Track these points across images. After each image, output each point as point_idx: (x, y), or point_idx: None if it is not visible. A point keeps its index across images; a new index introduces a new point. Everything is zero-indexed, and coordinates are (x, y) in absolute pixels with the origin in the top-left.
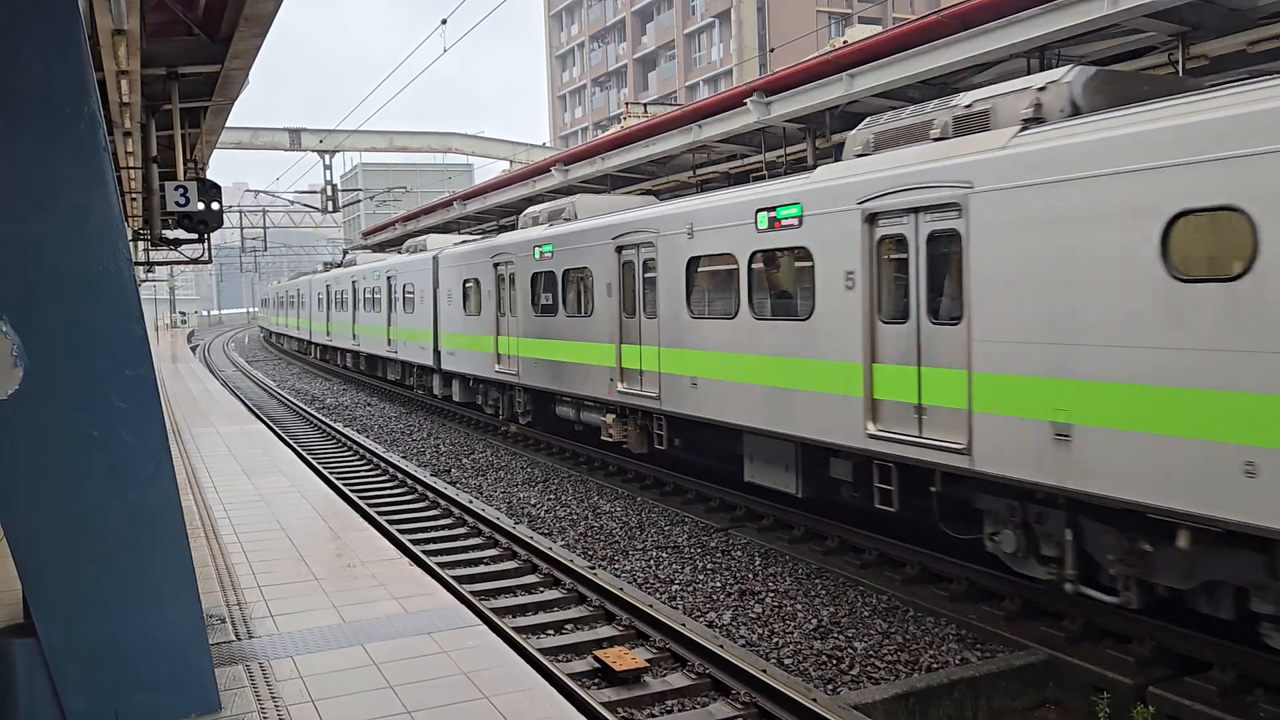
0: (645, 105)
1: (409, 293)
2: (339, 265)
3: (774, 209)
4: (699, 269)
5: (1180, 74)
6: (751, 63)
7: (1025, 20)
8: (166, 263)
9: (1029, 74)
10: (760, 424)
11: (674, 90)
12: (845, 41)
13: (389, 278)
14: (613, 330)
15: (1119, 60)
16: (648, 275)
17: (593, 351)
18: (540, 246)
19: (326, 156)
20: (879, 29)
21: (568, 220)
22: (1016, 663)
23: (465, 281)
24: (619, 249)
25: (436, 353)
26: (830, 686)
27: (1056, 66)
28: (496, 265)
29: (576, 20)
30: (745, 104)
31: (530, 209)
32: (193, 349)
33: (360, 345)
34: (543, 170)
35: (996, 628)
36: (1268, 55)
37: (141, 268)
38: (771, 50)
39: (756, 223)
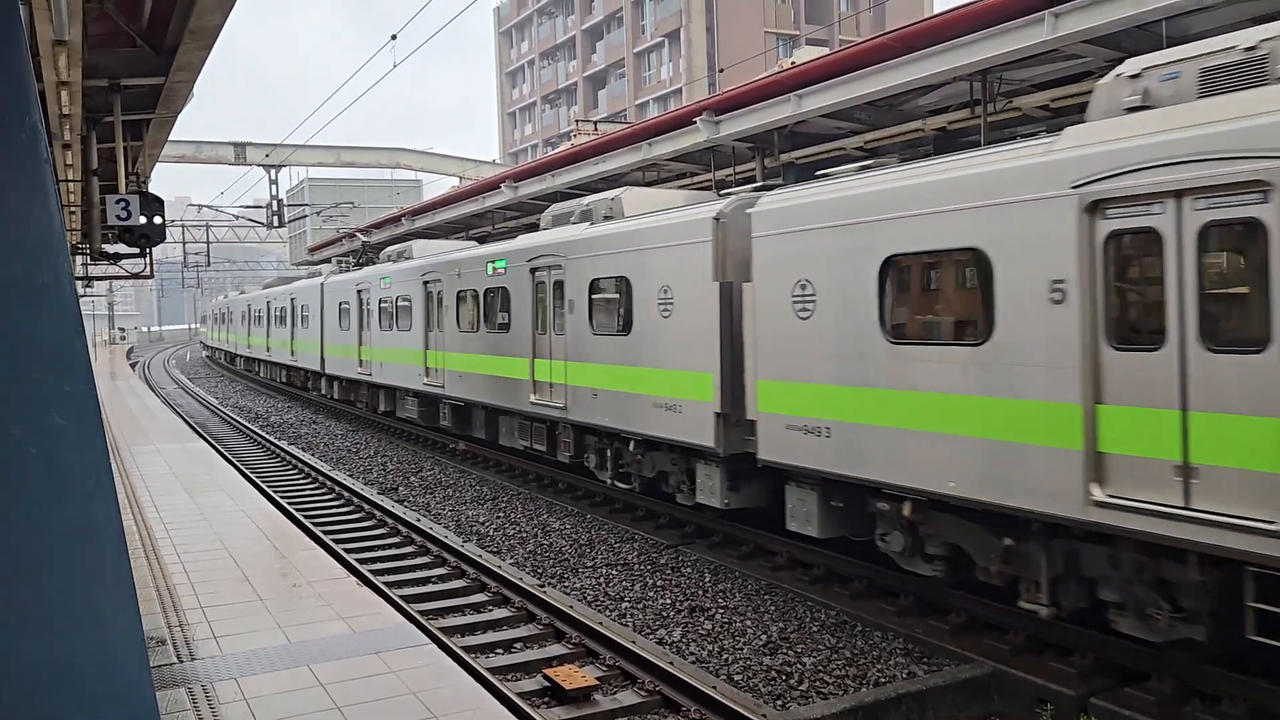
0: (595, 123)
1: (609, 296)
2: (358, 264)
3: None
4: None
5: None
6: (701, 82)
7: (967, 45)
8: (106, 277)
9: (971, 96)
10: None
11: (624, 108)
12: (794, 63)
13: (535, 269)
14: None
15: (1059, 85)
16: None
17: None
18: None
19: (272, 171)
20: (826, 51)
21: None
22: (962, 676)
23: (890, 264)
24: None
25: (729, 421)
26: (780, 702)
27: (999, 90)
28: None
29: (527, 38)
30: (695, 123)
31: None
32: (132, 366)
33: (446, 386)
34: (492, 186)
35: (942, 641)
36: None
37: (80, 282)
38: (721, 70)
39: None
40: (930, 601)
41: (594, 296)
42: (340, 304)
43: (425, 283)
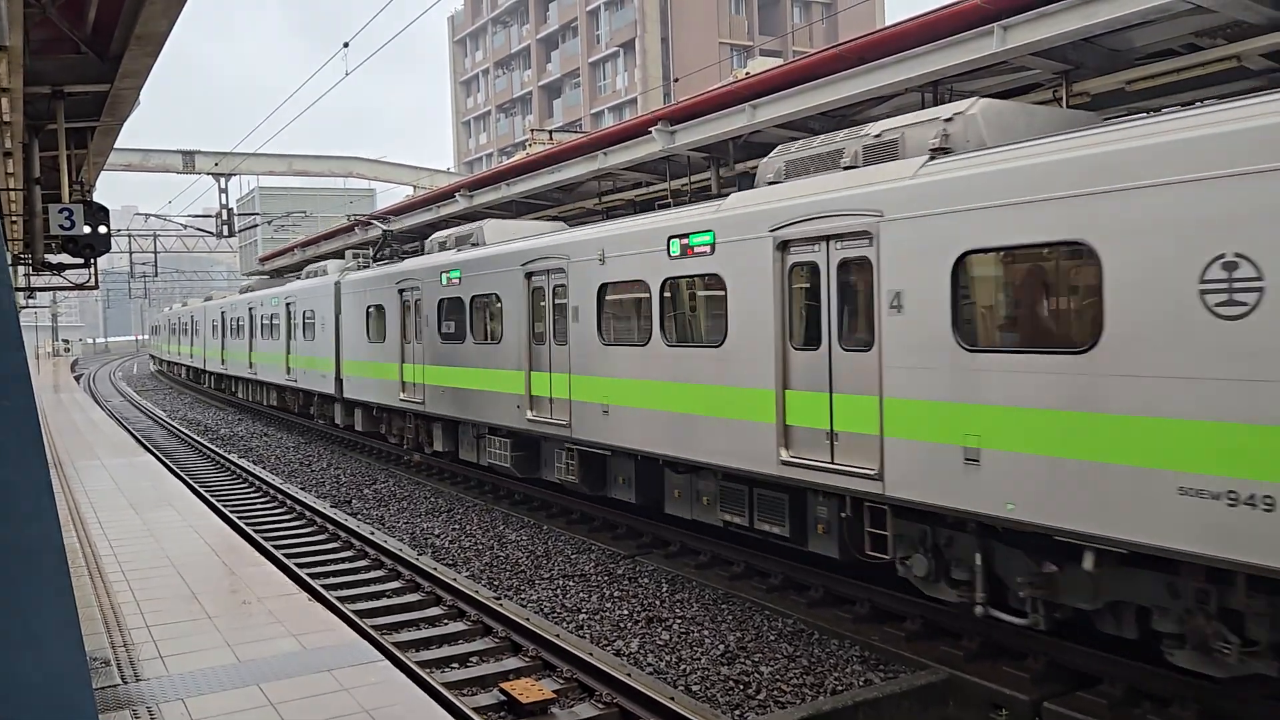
0: (550, 132)
1: (1011, 280)
2: (377, 257)
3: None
4: None
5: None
6: (656, 92)
7: (919, 56)
8: (49, 288)
9: (922, 107)
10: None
11: (579, 117)
12: (748, 73)
13: (786, 243)
14: None
15: (1009, 96)
16: None
17: None
18: None
19: (222, 180)
20: (780, 61)
21: None
22: (918, 682)
23: None
24: None
25: None
26: (738, 712)
27: (949, 100)
28: None
29: (481, 47)
30: (650, 132)
31: None
32: (77, 378)
33: (575, 426)
34: (447, 195)
35: (898, 648)
36: (1144, 94)
37: (22, 293)
38: (676, 80)
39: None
40: (886, 609)
41: (963, 283)
42: (368, 309)
43: (529, 275)
